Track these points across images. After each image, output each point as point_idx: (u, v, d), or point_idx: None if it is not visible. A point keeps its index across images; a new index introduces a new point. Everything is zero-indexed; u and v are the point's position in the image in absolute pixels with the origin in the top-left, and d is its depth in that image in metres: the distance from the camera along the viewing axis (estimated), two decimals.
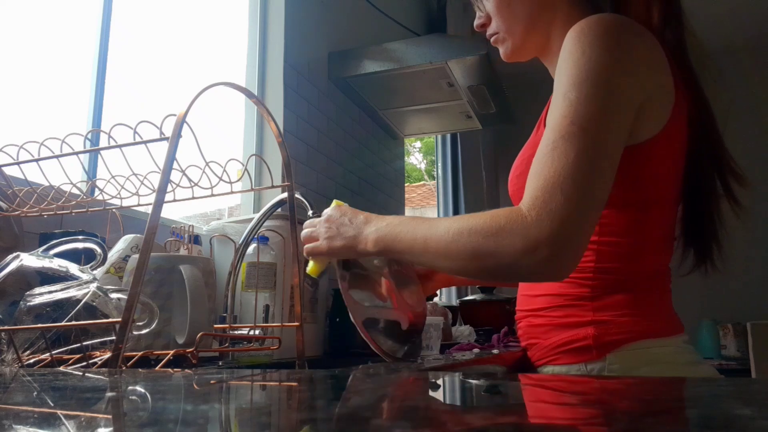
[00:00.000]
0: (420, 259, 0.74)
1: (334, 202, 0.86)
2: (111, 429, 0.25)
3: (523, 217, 0.65)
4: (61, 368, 0.62)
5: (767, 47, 3.95)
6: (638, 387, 0.36)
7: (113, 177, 0.77)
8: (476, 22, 0.94)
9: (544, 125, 0.84)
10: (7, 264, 0.68)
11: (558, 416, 0.26)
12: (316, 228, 0.83)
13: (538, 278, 0.76)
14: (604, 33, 0.72)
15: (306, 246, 0.83)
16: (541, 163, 0.68)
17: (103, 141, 0.71)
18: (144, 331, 0.69)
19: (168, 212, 1.47)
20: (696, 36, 0.85)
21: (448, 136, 3.43)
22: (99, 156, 0.76)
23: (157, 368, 0.66)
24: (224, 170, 0.74)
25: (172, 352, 0.69)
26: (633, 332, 0.80)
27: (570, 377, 0.71)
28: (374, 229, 0.77)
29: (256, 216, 1.18)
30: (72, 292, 0.65)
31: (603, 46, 0.71)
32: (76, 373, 0.48)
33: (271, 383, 0.43)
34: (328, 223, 0.82)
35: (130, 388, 0.39)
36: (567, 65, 0.73)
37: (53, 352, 0.63)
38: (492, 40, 0.94)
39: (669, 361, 0.80)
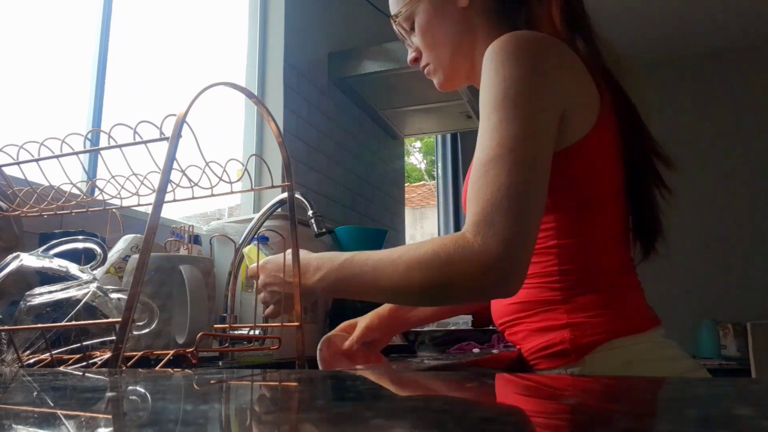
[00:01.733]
0: (376, 300, 0.79)
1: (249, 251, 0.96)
2: (111, 429, 0.25)
3: (469, 244, 0.69)
4: (61, 368, 0.62)
5: (767, 47, 3.95)
6: (636, 387, 0.36)
7: (113, 177, 0.77)
8: (409, 57, 0.99)
9: None
10: (7, 264, 0.68)
11: (556, 417, 0.26)
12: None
13: (492, 298, 0.78)
14: (515, 49, 0.76)
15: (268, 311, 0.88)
16: (476, 187, 0.72)
17: (103, 141, 0.71)
18: (144, 331, 0.69)
19: (168, 212, 1.48)
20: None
21: (448, 136, 3.43)
22: (99, 156, 0.76)
23: (157, 368, 0.66)
24: (224, 170, 0.74)
25: (172, 352, 0.69)
26: (607, 332, 0.80)
27: (568, 377, 0.71)
28: (317, 263, 0.81)
29: (256, 216, 1.18)
30: (72, 292, 0.65)
31: (515, 63, 0.75)
32: (76, 373, 0.48)
33: (271, 383, 0.43)
34: (268, 278, 0.87)
35: (130, 388, 0.39)
36: (484, 87, 0.77)
37: (53, 352, 0.63)
38: (425, 72, 0.97)
39: (646, 358, 0.80)
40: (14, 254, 0.70)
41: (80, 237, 0.82)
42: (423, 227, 6.50)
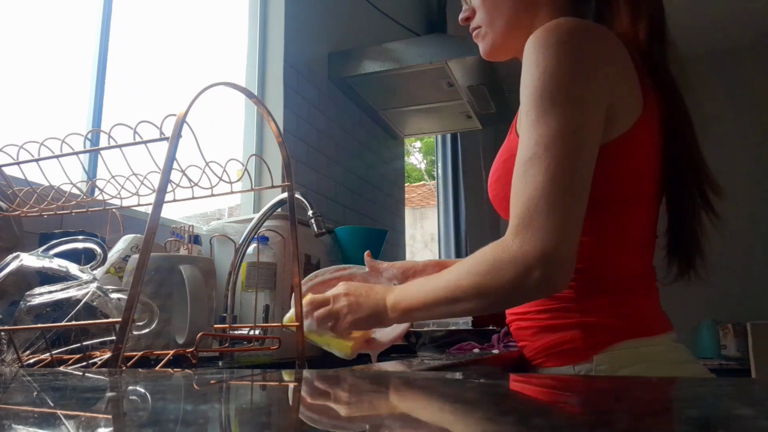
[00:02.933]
0: (435, 313, 0.78)
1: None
2: (111, 429, 0.25)
3: (508, 247, 0.70)
4: (61, 368, 0.62)
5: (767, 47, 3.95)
6: (636, 387, 0.36)
7: (113, 177, 0.77)
8: (461, 15, 0.95)
9: (516, 133, 0.86)
10: (7, 264, 0.68)
11: (557, 416, 0.26)
12: (331, 305, 0.86)
13: (540, 297, 0.77)
14: (559, 40, 0.73)
15: (329, 326, 0.86)
16: (516, 189, 0.72)
17: (103, 141, 0.71)
18: (144, 331, 0.69)
19: (168, 212, 1.47)
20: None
21: (448, 136, 3.43)
22: (99, 156, 0.76)
23: (157, 368, 0.66)
24: (224, 170, 0.74)
25: (172, 352, 0.69)
26: (619, 332, 0.79)
27: (568, 377, 0.71)
28: (392, 296, 0.82)
29: (256, 216, 1.18)
30: (72, 292, 0.65)
31: (558, 54, 0.72)
32: (76, 373, 0.48)
33: (271, 383, 0.43)
34: (347, 298, 0.85)
35: (130, 388, 0.39)
36: (525, 79, 0.75)
37: (53, 352, 0.63)
38: (474, 34, 0.94)
39: (656, 360, 0.80)
40: (14, 254, 0.70)
41: (80, 237, 0.82)
42: (423, 227, 6.50)
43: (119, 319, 0.54)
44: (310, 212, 1.07)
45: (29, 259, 0.69)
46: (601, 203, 0.80)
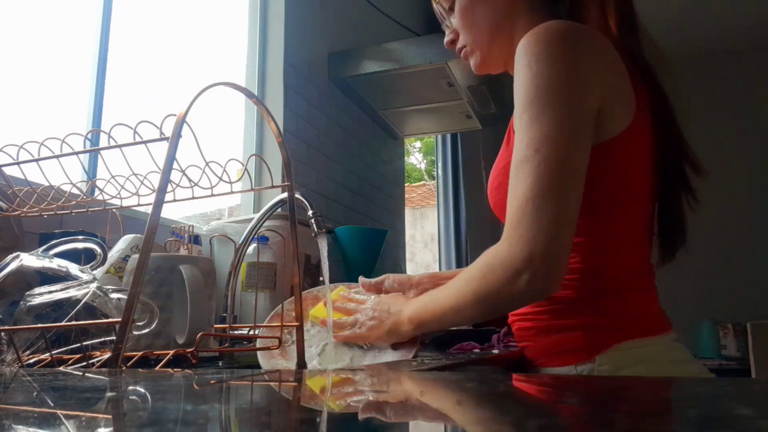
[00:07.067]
0: (445, 322, 0.81)
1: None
2: (111, 429, 0.25)
3: (500, 251, 0.72)
4: (61, 368, 0.62)
5: (767, 47, 3.95)
6: (637, 387, 0.36)
7: (113, 177, 0.77)
8: (446, 39, 0.98)
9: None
10: (7, 264, 0.68)
11: (557, 416, 0.26)
12: (359, 317, 0.90)
13: (532, 301, 0.80)
14: (550, 44, 0.73)
15: (347, 333, 0.89)
16: (510, 191, 0.73)
17: (103, 141, 0.71)
18: (144, 331, 0.69)
19: (168, 212, 1.48)
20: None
21: (448, 136, 3.43)
22: (99, 156, 0.76)
23: (157, 368, 0.66)
24: (224, 170, 0.74)
25: (172, 352, 0.69)
26: (621, 332, 0.80)
27: (568, 377, 0.71)
28: (409, 308, 0.85)
29: (256, 216, 1.18)
30: (72, 292, 0.65)
31: (549, 58, 0.73)
32: (76, 373, 0.48)
33: (271, 383, 0.43)
34: (374, 312, 0.88)
35: (130, 388, 0.39)
36: (517, 83, 0.75)
37: (53, 352, 0.63)
38: (462, 54, 0.96)
39: (658, 359, 0.80)
40: (14, 254, 0.70)
41: (80, 237, 0.82)
42: (423, 227, 6.50)
43: (119, 319, 0.54)
44: (310, 212, 1.07)
45: (29, 259, 0.69)
46: (601, 202, 0.80)
